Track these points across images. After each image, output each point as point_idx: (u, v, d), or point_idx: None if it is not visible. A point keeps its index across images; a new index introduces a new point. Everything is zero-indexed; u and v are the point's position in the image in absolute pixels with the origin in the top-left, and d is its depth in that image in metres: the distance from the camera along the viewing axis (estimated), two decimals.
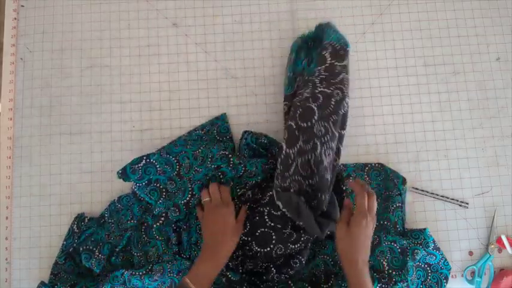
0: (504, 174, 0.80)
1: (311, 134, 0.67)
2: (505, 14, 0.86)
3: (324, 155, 0.67)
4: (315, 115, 0.68)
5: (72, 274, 0.74)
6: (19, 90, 0.83)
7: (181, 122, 0.82)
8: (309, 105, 0.69)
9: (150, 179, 0.74)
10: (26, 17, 0.85)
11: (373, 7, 0.86)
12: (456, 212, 0.78)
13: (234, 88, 0.83)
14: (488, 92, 0.83)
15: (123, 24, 0.85)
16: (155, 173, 0.73)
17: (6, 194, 0.79)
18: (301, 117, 0.68)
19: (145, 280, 0.69)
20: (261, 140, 0.76)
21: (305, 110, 0.69)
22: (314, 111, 0.68)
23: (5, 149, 0.81)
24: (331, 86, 0.71)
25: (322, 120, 0.68)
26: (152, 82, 0.83)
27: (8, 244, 0.78)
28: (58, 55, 0.84)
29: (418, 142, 0.81)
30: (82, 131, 0.81)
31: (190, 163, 0.73)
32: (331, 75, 0.72)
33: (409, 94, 0.83)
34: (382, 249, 0.70)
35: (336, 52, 0.74)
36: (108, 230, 0.75)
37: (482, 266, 0.76)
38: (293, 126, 0.69)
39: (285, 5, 0.86)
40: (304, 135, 0.68)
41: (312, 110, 0.68)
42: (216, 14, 0.86)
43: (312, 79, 0.72)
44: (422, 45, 0.84)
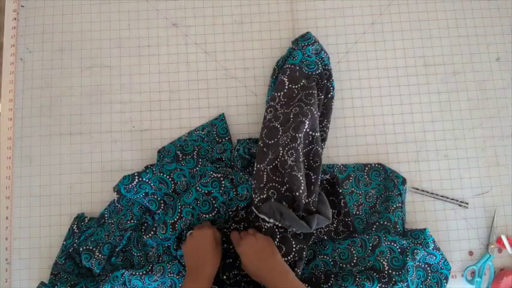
0: (504, 174, 0.80)
1: (277, 145, 0.71)
2: (505, 14, 0.86)
3: (286, 156, 0.69)
4: (279, 132, 0.72)
5: (72, 274, 0.74)
6: (19, 90, 0.83)
7: (181, 122, 0.82)
8: (272, 124, 0.74)
9: (147, 192, 0.73)
10: (26, 17, 0.85)
11: (373, 7, 0.86)
12: (456, 212, 0.78)
13: (234, 88, 0.83)
14: (488, 92, 0.83)
15: (123, 24, 0.85)
16: (150, 189, 0.73)
17: (6, 194, 0.79)
18: (267, 136, 0.73)
19: (146, 280, 0.69)
20: (253, 150, 0.77)
21: (270, 130, 0.74)
22: (278, 129, 0.73)
23: (5, 149, 0.81)
24: (290, 107, 0.75)
25: (285, 132, 0.72)
26: (152, 82, 0.83)
27: (8, 244, 0.78)
28: (58, 55, 0.84)
29: (418, 142, 0.81)
30: (82, 131, 0.81)
31: (187, 181, 0.74)
32: (289, 99, 0.76)
33: (409, 94, 0.83)
34: (382, 249, 0.70)
35: (293, 75, 0.78)
36: (108, 230, 0.75)
37: (482, 266, 0.76)
38: (261, 145, 0.73)
39: (285, 5, 0.86)
40: (272, 149, 0.71)
41: (276, 128, 0.73)
42: (216, 14, 0.86)
43: (273, 105, 0.77)
44: (422, 45, 0.84)
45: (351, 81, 0.83)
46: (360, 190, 0.78)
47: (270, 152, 0.71)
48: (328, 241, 0.74)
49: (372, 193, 0.78)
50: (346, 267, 0.71)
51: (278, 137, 0.72)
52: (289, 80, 0.77)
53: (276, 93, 0.77)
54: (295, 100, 0.76)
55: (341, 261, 0.71)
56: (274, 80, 0.80)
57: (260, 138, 0.74)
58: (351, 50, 0.84)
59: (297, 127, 0.70)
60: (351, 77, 0.83)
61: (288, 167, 0.69)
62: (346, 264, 0.71)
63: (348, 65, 0.84)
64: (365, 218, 0.77)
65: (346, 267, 0.71)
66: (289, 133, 0.71)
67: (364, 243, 0.71)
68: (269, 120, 0.75)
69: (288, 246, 0.68)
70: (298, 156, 0.69)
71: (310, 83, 0.77)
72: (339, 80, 0.83)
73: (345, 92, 0.82)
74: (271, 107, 0.76)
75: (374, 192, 0.78)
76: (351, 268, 0.71)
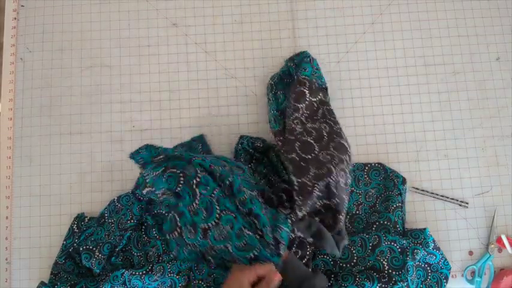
0: (504, 174, 0.80)
1: (319, 162, 0.67)
2: (505, 14, 0.86)
3: (339, 176, 0.67)
4: (315, 148, 0.69)
5: (72, 274, 0.74)
6: (19, 90, 0.83)
7: (181, 122, 0.82)
8: (305, 139, 0.70)
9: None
10: (26, 17, 0.85)
11: (373, 7, 0.86)
12: (456, 212, 0.78)
13: (234, 88, 0.83)
14: (488, 91, 0.83)
15: (123, 24, 0.85)
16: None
17: (6, 194, 0.79)
18: (302, 150, 0.69)
19: (146, 280, 0.69)
20: (257, 144, 0.77)
21: (303, 144, 0.69)
22: (312, 144, 0.69)
23: (5, 149, 0.81)
24: (317, 122, 0.73)
25: (323, 150, 0.69)
26: (152, 82, 0.83)
27: (8, 244, 0.78)
28: (58, 55, 0.84)
29: (418, 142, 0.81)
30: (82, 131, 0.81)
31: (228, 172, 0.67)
32: (312, 113, 0.74)
33: (409, 94, 0.83)
34: (382, 249, 0.70)
35: (312, 87, 0.76)
36: (108, 230, 0.75)
37: (482, 265, 0.76)
38: (296, 158, 0.68)
39: (285, 5, 0.86)
40: (313, 164, 0.67)
41: (310, 144, 0.69)
42: (216, 14, 0.86)
43: (298, 116, 0.74)
44: (422, 45, 0.84)
45: (351, 81, 0.83)
46: (360, 190, 0.78)
47: (312, 167, 0.67)
48: None
49: (372, 193, 0.78)
50: (346, 267, 0.71)
51: (316, 153, 0.68)
52: (309, 92, 0.75)
53: (298, 104, 0.74)
54: (318, 115, 0.74)
55: (341, 261, 0.71)
56: (274, 95, 0.79)
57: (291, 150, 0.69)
58: (351, 50, 0.84)
59: (340, 148, 0.69)
60: (351, 77, 0.83)
61: (340, 188, 0.67)
62: (346, 264, 0.71)
63: (348, 65, 0.84)
64: (365, 218, 0.77)
65: (346, 267, 0.71)
66: (334, 153, 0.68)
67: (364, 242, 0.71)
68: (300, 133, 0.71)
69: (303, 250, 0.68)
70: (347, 178, 0.68)
71: (326, 98, 0.76)
72: (339, 80, 0.83)
73: (345, 92, 0.83)
74: (296, 118, 0.73)
75: (374, 192, 0.78)
76: (350, 268, 0.71)
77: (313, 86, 0.76)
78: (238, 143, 0.77)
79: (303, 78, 0.76)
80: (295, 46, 0.84)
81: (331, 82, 0.83)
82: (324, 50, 0.84)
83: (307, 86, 0.75)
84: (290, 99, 0.76)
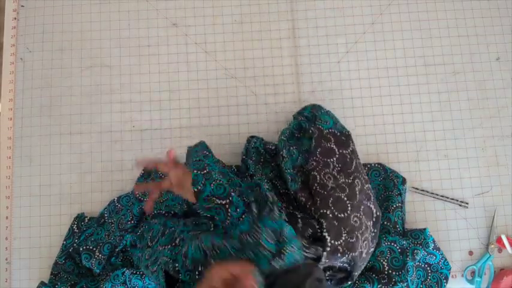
0: (504, 174, 0.80)
1: (351, 226, 0.64)
2: (505, 14, 0.86)
3: (362, 248, 0.65)
4: (348, 206, 0.65)
5: (72, 274, 0.74)
6: (19, 90, 0.83)
7: (181, 122, 0.82)
8: (338, 195, 0.65)
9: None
10: (26, 17, 0.85)
11: (373, 7, 0.86)
12: (456, 212, 0.78)
13: (234, 88, 0.83)
14: (488, 91, 0.83)
15: (123, 24, 0.85)
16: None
17: (6, 194, 0.79)
18: (335, 207, 0.65)
19: (146, 280, 0.69)
20: (268, 146, 0.76)
21: (337, 200, 0.65)
22: (346, 202, 0.65)
23: (5, 149, 0.81)
24: (350, 176, 0.69)
25: (354, 211, 0.65)
26: (152, 82, 0.83)
27: (8, 244, 0.78)
28: (58, 55, 0.84)
29: (418, 142, 0.81)
30: (82, 131, 0.81)
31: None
32: (344, 164, 0.70)
33: (409, 94, 0.83)
34: (382, 250, 0.70)
35: (339, 140, 0.71)
36: (108, 230, 0.75)
37: (482, 265, 0.76)
38: (330, 216, 0.63)
39: (285, 5, 0.86)
40: (345, 227, 0.64)
41: (344, 201, 0.65)
42: (216, 14, 0.86)
43: (328, 171, 0.69)
44: (422, 45, 0.84)
45: (351, 81, 0.83)
46: None
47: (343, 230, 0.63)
48: None
49: None
50: None
51: (348, 213, 0.64)
52: (337, 146, 0.70)
53: (327, 159, 0.69)
54: (352, 168, 0.69)
55: None
56: (288, 152, 0.73)
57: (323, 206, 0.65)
58: (351, 50, 0.84)
59: (367, 213, 0.66)
60: (351, 77, 0.83)
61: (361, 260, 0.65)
62: None
63: (348, 65, 0.84)
64: None
65: None
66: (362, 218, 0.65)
67: None
68: (333, 188, 0.66)
69: None
70: (369, 248, 0.66)
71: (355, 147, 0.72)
72: (339, 80, 0.83)
73: (345, 92, 0.83)
74: (327, 173, 0.68)
75: (374, 192, 0.78)
76: None
77: (342, 138, 0.72)
78: (251, 142, 0.76)
79: (327, 133, 0.71)
80: (295, 46, 0.85)
81: (331, 82, 0.83)
82: (324, 50, 0.84)
83: (333, 141, 0.71)
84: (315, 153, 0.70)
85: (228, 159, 0.79)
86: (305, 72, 0.83)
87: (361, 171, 0.70)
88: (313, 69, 0.83)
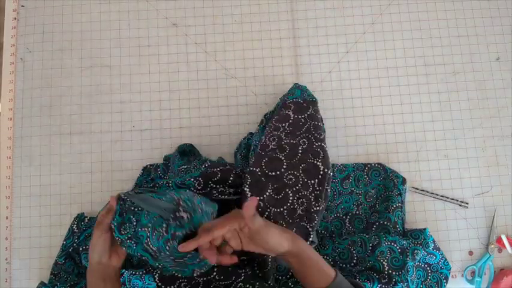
0: (504, 174, 0.80)
1: (282, 183, 0.65)
2: (505, 14, 0.86)
3: (296, 204, 0.65)
4: (283, 165, 0.66)
5: (72, 274, 0.74)
6: (19, 90, 0.83)
7: (181, 122, 0.82)
8: (275, 155, 0.67)
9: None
10: (26, 17, 0.85)
11: (373, 7, 0.86)
12: (456, 212, 0.78)
13: (234, 88, 0.83)
14: (488, 91, 0.83)
15: (123, 24, 0.85)
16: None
17: (6, 194, 0.79)
18: (268, 167, 0.66)
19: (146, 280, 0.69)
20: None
21: (271, 160, 0.67)
22: (282, 161, 0.67)
23: (5, 149, 0.81)
24: (297, 138, 0.70)
25: (290, 169, 0.66)
26: (152, 82, 0.83)
27: (8, 244, 0.78)
28: (58, 55, 0.84)
29: (418, 142, 0.81)
30: (82, 131, 0.81)
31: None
32: (295, 128, 0.71)
33: (409, 94, 0.83)
34: (382, 250, 0.70)
35: (299, 106, 0.73)
36: None
37: (482, 265, 0.76)
38: (258, 173, 0.66)
39: (285, 5, 0.86)
40: (274, 184, 0.65)
41: (280, 160, 0.67)
42: (216, 14, 0.86)
43: (276, 134, 0.71)
44: (422, 45, 0.84)
45: (351, 81, 0.83)
46: (360, 190, 0.78)
47: (271, 185, 0.65)
48: (328, 241, 0.74)
49: (372, 193, 0.78)
50: (346, 267, 0.71)
51: (282, 171, 0.66)
52: (294, 112, 0.72)
53: (279, 123, 0.72)
54: (302, 129, 0.71)
55: (341, 261, 0.71)
56: (263, 128, 0.77)
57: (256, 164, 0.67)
58: (351, 50, 0.84)
59: (309, 171, 0.66)
60: (351, 77, 0.83)
61: (296, 216, 0.65)
62: (346, 264, 0.71)
63: (348, 65, 0.84)
64: (365, 218, 0.77)
65: (346, 267, 0.71)
66: (300, 176, 0.66)
67: (364, 243, 0.71)
68: (272, 150, 0.68)
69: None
70: (309, 206, 0.65)
71: (317, 112, 0.73)
72: (339, 80, 0.83)
73: (345, 92, 0.83)
74: (274, 135, 0.71)
75: (374, 192, 0.78)
76: (350, 268, 0.71)
77: (303, 104, 0.73)
78: (245, 138, 0.78)
79: (289, 103, 0.74)
80: (295, 46, 0.85)
81: (331, 82, 0.83)
82: (324, 50, 0.84)
83: (292, 109, 0.73)
84: (271, 120, 0.73)
85: (228, 159, 0.79)
86: (305, 72, 0.83)
87: (313, 131, 0.71)
88: (313, 69, 0.83)
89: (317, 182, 0.67)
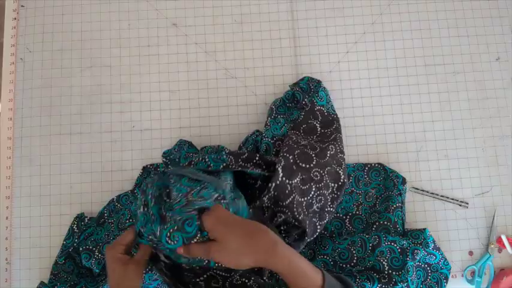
0: (504, 174, 0.80)
1: (309, 176, 0.68)
2: (505, 14, 0.86)
3: (315, 199, 0.68)
4: (313, 161, 0.69)
5: (72, 274, 0.74)
6: (19, 90, 0.83)
7: (181, 122, 0.82)
8: (307, 150, 0.70)
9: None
10: (26, 17, 0.85)
11: (373, 7, 0.86)
12: (456, 212, 0.78)
13: (234, 88, 0.83)
14: (488, 91, 0.83)
15: (123, 24, 0.85)
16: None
17: (6, 194, 0.79)
18: (300, 158, 0.69)
19: (146, 279, 0.69)
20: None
21: (303, 154, 0.69)
22: (312, 157, 0.70)
23: (5, 149, 0.81)
24: (326, 143, 0.73)
25: (318, 167, 0.69)
26: (152, 82, 0.83)
27: (8, 244, 0.78)
28: (58, 55, 0.84)
29: (418, 142, 0.81)
30: (82, 131, 0.81)
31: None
32: (323, 138, 0.75)
33: (409, 94, 0.83)
34: (382, 250, 0.70)
35: (326, 120, 0.76)
36: (108, 230, 0.75)
37: (482, 265, 0.76)
38: (290, 160, 0.68)
39: (285, 5, 0.86)
40: (302, 174, 0.68)
41: (310, 156, 0.70)
42: (216, 14, 0.86)
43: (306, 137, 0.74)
44: (422, 45, 0.84)
45: (351, 81, 0.83)
46: (360, 190, 0.78)
47: (300, 175, 0.68)
48: (328, 241, 0.74)
49: (372, 193, 0.78)
50: (346, 267, 0.71)
51: (311, 166, 0.69)
52: (321, 126, 0.76)
53: (307, 135, 0.75)
54: (330, 138, 0.74)
55: (341, 261, 0.71)
56: (274, 120, 0.78)
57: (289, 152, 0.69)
58: (351, 50, 0.84)
59: (332, 175, 0.70)
60: (351, 77, 0.83)
61: (311, 211, 0.68)
62: (346, 264, 0.71)
63: (348, 65, 0.84)
64: (365, 218, 0.77)
65: (346, 267, 0.71)
66: (324, 175, 0.69)
67: (364, 243, 0.71)
68: (304, 145, 0.71)
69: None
70: (325, 205, 0.69)
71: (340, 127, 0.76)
72: (339, 80, 0.83)
73: (345, 92, 0.83)
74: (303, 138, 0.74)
75: (374, 192, 0.78)
76: (350, 268, 0.71)
77: (327, 120, 0.76)
78: (253, 134, 0.78)
79: (317, 110, 0.76)
80: (295, 46, 0.84)
81: (331, 82, 0.83)
82: (324, 50, 0.84)
83: (319, 120, 0.76)
84: (299, 129, 0.75)
85: None
86: (305, 72, 0.83)
87: (339, 142, 0.74)
88: (313, 69, 0.83)
89: (336, 187, 0.70)
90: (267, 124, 0.77)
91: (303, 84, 0.78)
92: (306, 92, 0.78)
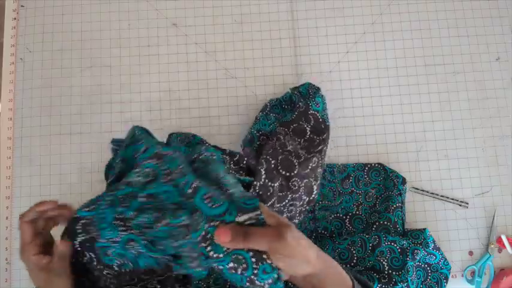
0: (504, 174, 0.80)
1: (287, 184, 0.68)
2: (505, 14, 0.86)
3: (286, 209, 0.68)
4: (295, 170, 0.69)
5: None
6: (19, 90, 0.83)
7: (181, 122, 0.82)
8: (291, 158, 0.70)
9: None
10: (26, 17, 0.85)
11: (373, 7, 0.86)
12: (456, 212, 0.78)
13: (234, 88, 0.83)
14: (488, 91, 0.83)
15: (123, 24, 0.85)
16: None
17: (6, 194, 0.79)
18: (282, 164, 0.69)
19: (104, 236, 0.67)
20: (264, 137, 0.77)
21: (286, 160, 0.69)
22: (295, 166, 0.69)
23: (5, 149, 0.81)
24: (311, 154, 0.72)
25: (297, 177, 0.69)
26: (152, 82, 0.83)
27: (8, 244, 0.78)
28: (58, 55, 0.84)
29: (418, 142, 0.81)
30: (82, 131, 0.81)
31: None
32: (310, 145, 0.74)
33: (409, 94, 0.83)
34: (382, 250, 0.70)
35: (318, 126, 0.75)
36: None
37: (482, 265, 0.76)
38: (272, 165, 0.68)
39: (285, 5, 0.86)
40: (282, 181, 0.68)
41: (293, 164, 0.69)
42: (216, 14, 0.86)
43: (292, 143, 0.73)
44: (422, 45, 0.84)
45: (351, 81, 0.83)
46: (360, 190, 0.78)
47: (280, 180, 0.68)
48: (328, 241, 0.74)
49: (372, 193, 0.78)
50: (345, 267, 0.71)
51: (291, 175, 0.69)
52: (311, 131, 0.75)
53: (296, 137, 0.74)
54: (316, 149, 0.73)
55: (341, 261, 0.71)
56: (265, 116, 0.78)
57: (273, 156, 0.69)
58: (351, 50, 0.84)
59: (307, 188, 0.70)
60: (351, 77, 0.83)
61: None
62: (346, 264, 0.71)
63: (348, 65, 0.84)
64: (365, 218, 0.77)
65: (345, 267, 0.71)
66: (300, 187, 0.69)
67: (364, 243, 0.71)
68: (289, 151, 0.71)
69: None
70: (293, 216, 0.69)
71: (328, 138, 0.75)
72: (339, 80, 0.83)
73: (345, 92, 0.83)
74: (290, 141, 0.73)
75: (374, 192, 0.78)
76: (350, 268, 0.71)
77: (318, 126, 0.75)
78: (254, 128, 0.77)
79: (311, 113, 0.75)
80: (295, 46, 0.85)
81: (331, 82, 0.83)
82: (324, 50, 0.84)
83: (311, 125, 0.74)
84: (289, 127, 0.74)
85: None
86: (305, 72, 0.83)
87: (323, 156, 0.73)
88: (313, 69, 0.84)
89: (307, 201, 0.70)
90: (257, 118, 0.78)
91: (302, 88, 0.78)
92: (304, 97, 0.77)
